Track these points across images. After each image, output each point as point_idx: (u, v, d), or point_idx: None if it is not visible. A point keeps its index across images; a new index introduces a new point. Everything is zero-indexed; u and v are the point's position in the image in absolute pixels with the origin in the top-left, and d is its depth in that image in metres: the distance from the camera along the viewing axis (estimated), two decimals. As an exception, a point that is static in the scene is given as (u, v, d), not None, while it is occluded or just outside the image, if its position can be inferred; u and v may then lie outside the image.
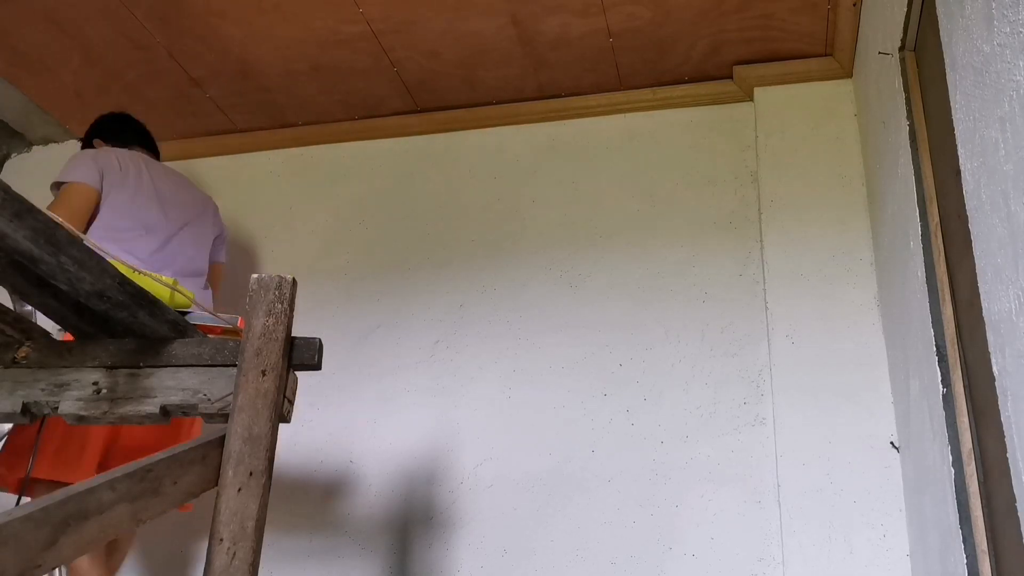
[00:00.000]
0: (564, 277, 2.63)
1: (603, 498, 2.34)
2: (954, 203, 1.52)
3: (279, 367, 1.25)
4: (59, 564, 0.99)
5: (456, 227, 2.77)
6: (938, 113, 1.65)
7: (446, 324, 2.63)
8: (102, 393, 1.30)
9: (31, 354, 1.34)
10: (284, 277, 1.30)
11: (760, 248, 2.47)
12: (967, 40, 1.32)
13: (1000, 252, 1.19)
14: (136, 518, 1.10)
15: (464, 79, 2.75)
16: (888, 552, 2.03)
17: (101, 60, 2.71)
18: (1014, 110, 1.11)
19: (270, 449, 1.22)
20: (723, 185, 2.62)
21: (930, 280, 1.73)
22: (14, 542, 0.91)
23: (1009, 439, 1.19)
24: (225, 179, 3.04)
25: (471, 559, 2.36)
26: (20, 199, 1.03)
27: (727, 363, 2.40)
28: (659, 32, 2.53)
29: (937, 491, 1.70)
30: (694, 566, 2.22)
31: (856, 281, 2.31)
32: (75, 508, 1.00)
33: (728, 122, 2.69)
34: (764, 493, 2.24)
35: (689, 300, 2.50)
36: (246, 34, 2.58)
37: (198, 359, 1.31)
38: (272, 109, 2.93)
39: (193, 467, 1.19)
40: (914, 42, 1.87)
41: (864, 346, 2.23)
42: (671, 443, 2.35)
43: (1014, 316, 1.14)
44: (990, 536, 1.43)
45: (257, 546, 1.18)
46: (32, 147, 3.16)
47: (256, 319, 1.27)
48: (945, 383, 1.64)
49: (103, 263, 1.17)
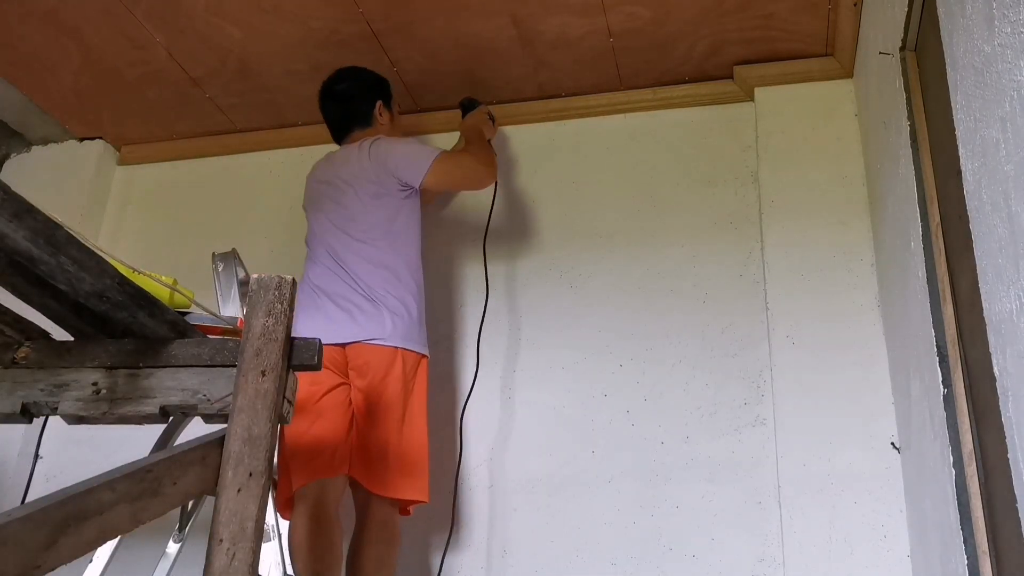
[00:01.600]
0: (564, 277, 2.62)
1: (603, 498, 2.34)
2: (955, 203, 1.52)
3: (279, 368, 1.25)
4: (59, 564, 0.99)
5: (456, 227, 2.77)
6: (939, 113, 1.64)
7: (446, 324, 2.63)
8: (101, 394, 1.29)
9: (30, 354, 1.34)
10: (284, 277, 1.30)
11: (760, 248, 2.47)
12: (968, 40, 1.32)
13: (1001, 252, 1.19)
14: (136, 519, 1.10)
15: (464, 79, 2.75)
16: (889, 553, 2.03)
17: (101, 60, 2.71)
18: (1015, 110, 1.11)
19: (270, 450, 1.21)
20: (723, 185, 2.62)
21: (931, 280, 1.73)
22: (14, 542, 0.91)
23: (1010, 440, 1.19)
24: (225, 179, 3.04)
25: (471, 559, 2.36)
26: (20, 199, 1.02)
27: (727, 363, 2.40)
28: (659, 32, 2.52)
29: (938, 492, 1.70)
30: (694, 566, 2.22)
31: (857, 281, 2.31)
32: (75, 508, 1.00)
33: (728, 122, 2.68)
34: (765, 494, 2.24)
35: (689, 300, 2.50)
36: (246, 34, 2.58)
37: (198, 359, 1.31)
38: (272, 109, 2.93)
39: (192, 468, 1.19)
40: (915, 42, 1.87)
41: (865, 346, 2.23)
42: (671, 443, 2.35)
43: (1015, 316, 1.14)
44: (991, 537, 1.43)
45: (257, 547, 1.17)
46: (32, 147, 3.16)
47: (256, 319, 1.27)
48: (946, 383, 1.64)
49: (103, 263, 1.17)
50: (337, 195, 2.29)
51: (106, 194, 3.11)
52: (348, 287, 2.17)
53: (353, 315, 2.13)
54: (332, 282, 2.19)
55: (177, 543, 1.97)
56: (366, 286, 2.16)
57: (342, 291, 2.17)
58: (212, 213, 2.99)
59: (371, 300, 2.15)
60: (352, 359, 2.12)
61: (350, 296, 2.16)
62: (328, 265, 2.22)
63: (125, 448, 1.65)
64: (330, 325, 2.12)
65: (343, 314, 2.14)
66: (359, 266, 2.19)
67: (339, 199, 2.28)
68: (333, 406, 2.07)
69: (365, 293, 2.15)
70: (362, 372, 2.10)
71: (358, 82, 2.46)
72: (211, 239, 2.44)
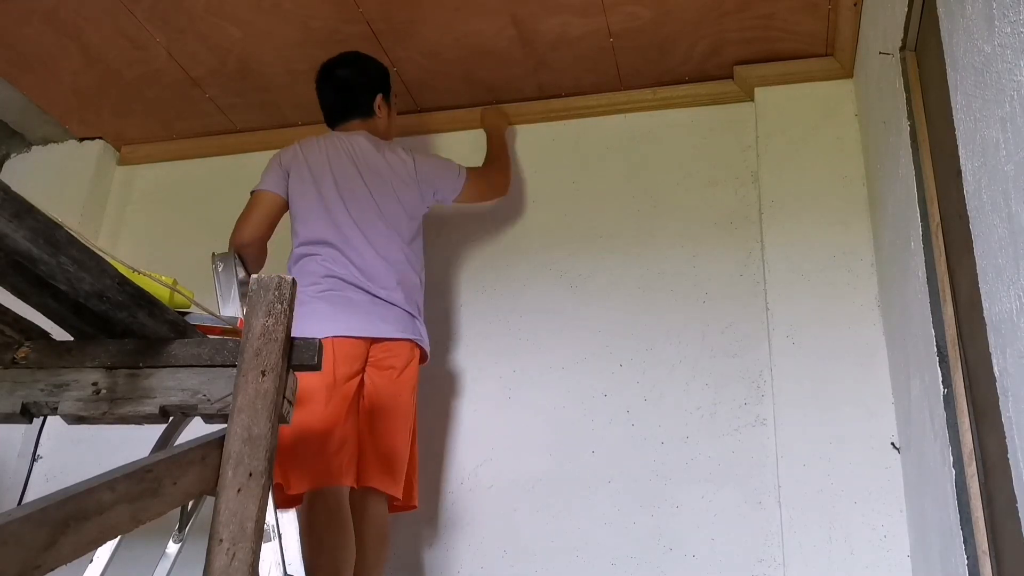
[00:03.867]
0: (564, 277, 2.62)
1: (603, 498, 2.34)
2: (955, 203, 1.52)
3: (279, 368, 1.25)
4: (59, 564, 0.99)
5: (456, 227, 2.77)
6: (939, 113, 1.64)
7: (446, 324, 2.63)
8: (101, 393, 1.29)
9: (30, 354, 1.34)
10: (284, 277, 1.30)
11: (760, 248, 2.47)
12: (968, 40, 1.32)
13: (1001, 252, 1.19)
14: (136, 519, 1.10)
15: (464, 79, 2.75)
16: (889, 553, 2.03)
17: (101, 60, 2.71)
18: (1015, 110, 1.11)
19: (270, 450, 1.21)
20: (723, 185, 2.62)
21: (931, 280, 1.73)
22: (14, 542, 0.91)
23: (1010, 440, 1.19)
24: (225, 179, 3.04)
25: (471, 559, 2.35)
26: (20, 199, 1.02)
27: (727, 363, 2.40)
28: (659, 32, 2.52)
29: (938, 492, 1.69)
30: (694, 567, 2.22)
31: (857, 281, 2.31)
32: (75, 508, 1.00)
33: (729, 122, 2.68)
34: (765, 494, 2.24)
35: (689, 300, 2.50)
36: (246, 34, 2.58)
37: (198, 359, 1.31)
38: (272, 109, 2.93)
39: (192, 468, 1.19)
40: (915, 42, 1.86)
41: (865, 346, 2.23)
42: (671, 443, 2.35)
43: (1015, 316, 1.14)
44: (991, 537, 1.43)
45: (256, 547, 1.17)
46: (32, 147, 3.16)
47: (256, 319, 1.27)
48: (946, 383, 1.64)
49: (103, 263, 1.17)
50: (376, 188, 2.26)
51: (106, 194, 3.11)
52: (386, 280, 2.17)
53: (390, 306, 2.15)
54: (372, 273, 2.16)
55: (177, 543, 1.97)
56: (401, 283, 2.19)
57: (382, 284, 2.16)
58: (212, 213, 2.98)
59: (407, 298, 2.19)
60: (375, 352, 2.12)
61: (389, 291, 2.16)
62: (357, 255, 2.17)
63: (125, 448, 1.64)
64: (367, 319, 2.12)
65: (379, 308, 2.14)
66: (394, 263, 2.20)
67: (378, 192, 2.26)
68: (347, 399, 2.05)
69: (403, 291, 2.18)
70: (382, 367, 2.11)
71: (361, 71, 2.43)
72: (211, 239, 2.44)
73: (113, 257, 1.23)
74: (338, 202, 2.23)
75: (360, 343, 2.09)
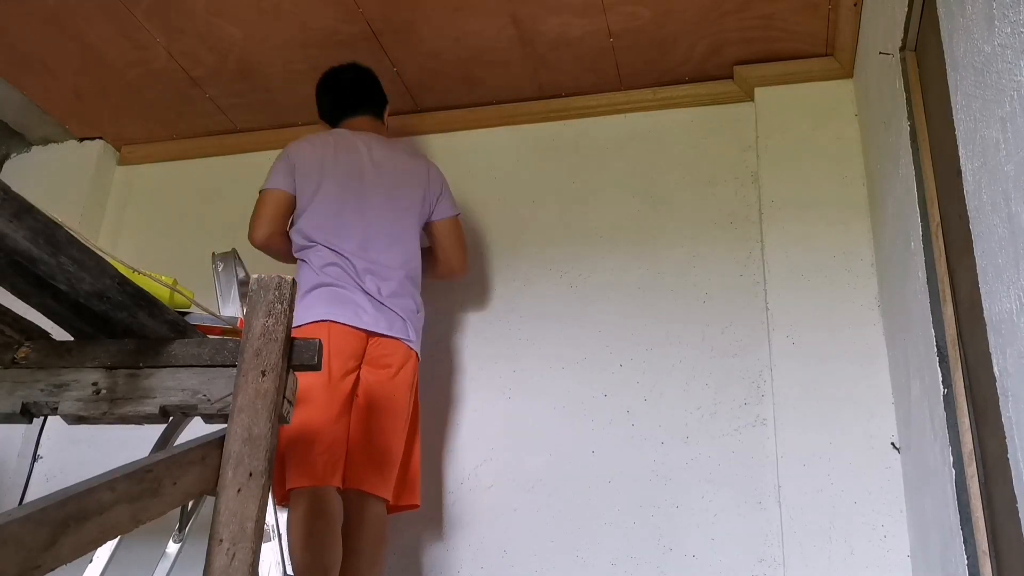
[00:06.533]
0: (564, 277, 2.62)
1: (603, 498, 2.34)
2: (955, 203, 1.52)
3: (279, 368, 1.25)
4: (59, 565, 0.99)
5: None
6: (939, 113, 1.64)
7: (445, 324, 2.63)
8: (101, 393, 1.29)
9: (31, 354, 1.34)
10: (284, 277, 1.30)
11: (760, 248, 2.47)
12: (968, 40, 1.32)
13: (1001, 252, 1.19)
14: (136, 519, 1.10)
15: (464, 79, 2.75)
16: (889, 553, 2.03)
17: (101, 60, 2.71)
18: (1015, 110, 1.11)
19: (270, 450, 1.21)
20: (723, 185, 2.62)
21: (931, 280, 1.73)
22: (14, 542, 0.91)
23: (1010, 440, 1.19)
24: (225, 179, 3.04)
25: (471, 559, 2.35)
26: (20, 199, 1.02)
27: (727, 363, 2.40)
28: (659, 32, 2.52)
29: (938, 492, 1.70)
30: (694, 567, 2.22)
31: (857, 281, 2.31)
32: (75, 508, 1.00)
33: (729, 122, 2.68)
34: (765, 494, 2.24)
35: (689, 300, 2.50)
36: (246, 34, 2.58)
37: (198, 359, 1.31)
38: (272, 109, 2.93)
39: (192, 468, 1.19)
40: (915, 42, 1.87)
41: (865, 346, 2.23)
42: (671, 444, 2.35)
43: (1015, 316, 1.14)
44: (991, 537, 1.43)
45: (257, 547, 1.17)
46: (32, 147, 3.16)
47: (256, 319, 1.27)
48: (946, 383, 1.64)
49: (103, 263, 1.17)
50: (384, 187, 2.28)
51: (106, 194, 3.12)
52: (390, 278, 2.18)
53: (387, 308, 2.14)
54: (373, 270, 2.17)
55: (177, 543, 1.97)
56: (401, 283, 2.19)
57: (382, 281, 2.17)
58: (212, 213, 2.99)
59: (406, 297, 2.20)
60: (371, 350, 2.11)
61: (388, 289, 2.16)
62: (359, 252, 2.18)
63: (125, 448, 1.64)
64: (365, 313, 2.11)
65: (377, 305, 2.14)
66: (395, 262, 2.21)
67: (385, 191, 2.28)
68: (342, 396, 2.05)
69: (403, 291, 2.19)
70: (378, 365, 2.10)
71: (373, 77, 2.47)
72: (211, 239, 2.44)
73: (113, 257, 1.23)
74: (341, 198, 2.23)
75: (357, 336, 2.08)
